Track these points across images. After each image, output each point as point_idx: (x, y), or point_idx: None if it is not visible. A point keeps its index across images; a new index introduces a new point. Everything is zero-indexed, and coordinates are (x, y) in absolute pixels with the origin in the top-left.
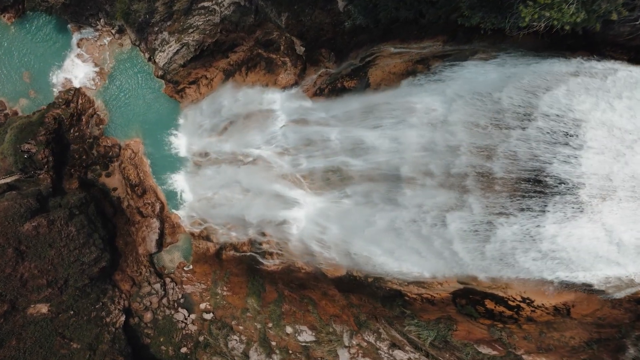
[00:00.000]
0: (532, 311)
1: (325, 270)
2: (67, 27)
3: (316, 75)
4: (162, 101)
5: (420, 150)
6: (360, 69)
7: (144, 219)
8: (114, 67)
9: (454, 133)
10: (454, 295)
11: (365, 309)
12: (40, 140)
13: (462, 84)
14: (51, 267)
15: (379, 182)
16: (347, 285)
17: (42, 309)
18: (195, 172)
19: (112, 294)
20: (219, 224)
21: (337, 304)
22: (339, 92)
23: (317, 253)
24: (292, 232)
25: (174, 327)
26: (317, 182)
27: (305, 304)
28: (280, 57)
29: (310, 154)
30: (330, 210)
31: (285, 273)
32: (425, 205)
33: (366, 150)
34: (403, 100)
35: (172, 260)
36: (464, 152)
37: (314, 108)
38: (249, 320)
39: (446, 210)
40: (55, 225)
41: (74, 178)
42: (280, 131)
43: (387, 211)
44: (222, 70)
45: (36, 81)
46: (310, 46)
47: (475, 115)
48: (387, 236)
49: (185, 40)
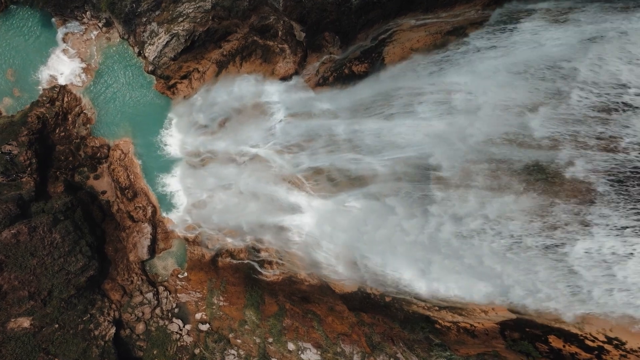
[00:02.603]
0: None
1: (333, 284)
2: (52, 21)
3: (319, 63)
4: (152, 98)
5: (471, 142)
6: (373, 50)
7: (135, 224)
8: (102, 62)
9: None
10: (502, 326)
11: (380, 329)
12: (22, 141)
13: (522, 55)
14: (33, 277)
15: (400, 183)
16: (359, 303)
17: (23, 322)
18: (189, 173)
19: (101, 304)
20: (215, 229)
21: (345, 321)
22: (346, 80)
23: (323, 265)
24: (293, 240)
25: (168, 338)
26: (322, 184)
27: (309, 320)
28: (278, 44)
29: (313, 151)
30: (337, 216)
31: (287, 284)
32: (491, 214)
33: (382, 145)
34: (432, 82)
35: (166, 268)
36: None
37: (317, 99)
38: (248, 334)
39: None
40: (38, 232)
41: (60, 181)
42: (279, 126)
43: (414, 219)
44: (215, 61)
45: (20, 79)
46: (312, 31)
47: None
48: (414, 250)
49: (175, 30)
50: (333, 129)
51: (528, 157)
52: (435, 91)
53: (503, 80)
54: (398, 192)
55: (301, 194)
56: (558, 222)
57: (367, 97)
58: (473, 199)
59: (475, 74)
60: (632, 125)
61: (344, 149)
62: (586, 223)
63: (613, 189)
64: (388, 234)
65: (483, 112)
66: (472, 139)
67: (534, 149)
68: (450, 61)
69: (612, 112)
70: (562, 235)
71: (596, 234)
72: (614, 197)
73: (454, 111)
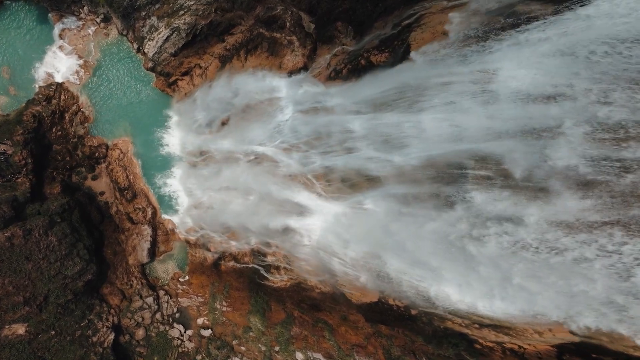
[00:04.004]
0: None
1: (349, 294)
2: (48, 17)
3: (330, 55)
4: (152, 96)
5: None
6: (394, 38)
7: (134, 226)
8: (100, 59)
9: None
10: (559, 349)
11: (399, 342)
12: (17, 140)
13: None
14: (28, 282)
15: (429, 183)
16: (379, 315)
17: (18, 329)
18: (191, 173)
19: (99, 309)
20: (217, 232)
21: (360, 331)
22: (362, 72)
23: (337, 272)
24: (303, 244)
25: (169, 344)
26: (335, 184)
27: (319, 329)
28: (286, 36)
29: (325, 149)
30: (353, 219)
31: (295, 291)
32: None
33: (407, 141)
34: (470, 69)
35: (166, 271)
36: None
37: (329, 94)
38: (252, 341)
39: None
40: (33, 235)
41: (56, 182)
42: (287, 124)
43: (449, 225)
44: (217, 56)
45: (16, 77)
46: (322, 21)
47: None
48: (450, 260)
49: (176, 24)
50: (348, 125)
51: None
52: (475, 79)
53: (560, 64)
54: (426, 194)
55: (311, 195)
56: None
57: (388, 89)
58: (527, 203)
59: (525, 58)
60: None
61: (361, 147)
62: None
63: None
64: (417, 241)
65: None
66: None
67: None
68: (493, 44)
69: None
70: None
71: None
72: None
73: (496, 100)
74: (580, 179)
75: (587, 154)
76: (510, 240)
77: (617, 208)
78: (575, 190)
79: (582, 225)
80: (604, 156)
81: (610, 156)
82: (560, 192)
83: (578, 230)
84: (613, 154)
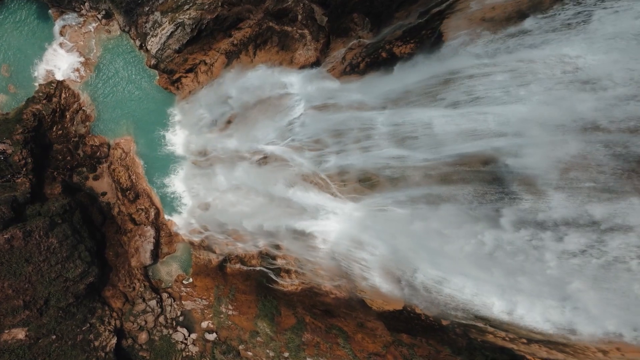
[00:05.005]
0: None
1: (369, 301)
2: (49, 13)
3: (345, 49)
4: (155, 94)
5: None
6: (422, 27)
7: (137, 227)
8: (101, 56)
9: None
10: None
11: (422, 351)
12: (17, 139)
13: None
14: (29, 285)
15: (464, 184)
16: (404, 325)
17: (18, 334)
18: (195, 173)
19: (101, 313)
20: (223, 233)
21: (378, 339)
22: (383, 64)
23: (356, 277)
24: (318, 247)
25: (172, 348)
26: (351, 184)
27: (333, 336)
28: (298, 29)
29: (341, 148)
30: (375, 221)
31: (307, 296)
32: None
33: (440, 138)
34: (517, 57)
35: (170, 273)
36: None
37: (344, 89)
38: (260, 346)
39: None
40: (33, 236)
41: (57, 182)
42: (298, 121)
43: (489, 230)
44: (224, 52)
45: (15, 74)
46: (336, 13)
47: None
48: (493, 267)
49: (181, 19)
50: (369, 122)
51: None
52: (524, 69)
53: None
54: (461, 195)
55: (325, 196)
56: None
57: (416, 82)
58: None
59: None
60: None
61: (383, 145)
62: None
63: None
64: (455, 246)
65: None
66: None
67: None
68: (547, 28)
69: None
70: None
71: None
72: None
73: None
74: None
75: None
76: (582, 248)
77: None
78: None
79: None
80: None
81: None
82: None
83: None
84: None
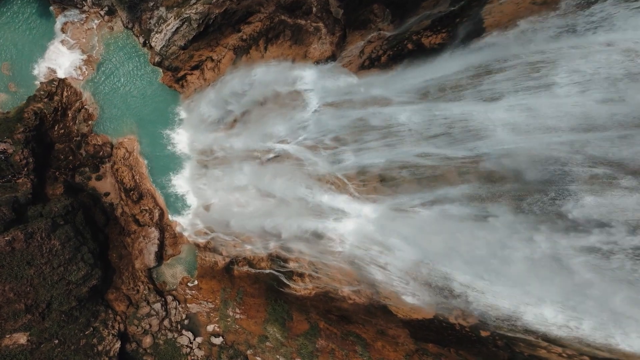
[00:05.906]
0: None
1: (394, 308)
2: (50, 10)
3: (363, 42)
4: (159, 92)
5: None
6: (455, 16)
7: (140, 228)
8: (104, 54)
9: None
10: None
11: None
12: (18, 139)
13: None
14: (30, 288)
15: (509, 183)
16: (434, 334)
17: (19, 339)
18: (200, 173)
19: (105, 316)
20: (230, 235)
21: (400, 348)
22: (408, 57)
23: (380, 282)
24: (335, 250)
25: (177, 352)
26: (371, 184)
27: (350, 343)
28: (312, 22)
29: (360, 145)
30: (399, 223)
31: (322, 301)
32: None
33: (477, 134)
34: (575, 44)
35: (174, 275)
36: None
37: (363, 84)
38: (269, 351)
39: None
40: (35, 238)
41: (59, 182)
42: (312, 118)
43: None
44: (232, 48)
45: (16, 73)
46: (353, 5)
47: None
48: (552, 276)
49: (187, 14)
50: (394, 118)
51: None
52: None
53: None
54: (506, 196)
55: (343, 197)
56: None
57: (448, 75)
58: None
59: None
60: None
61: (408, 142)
62: None
63: None
64: (500, 252)
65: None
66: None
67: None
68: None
69: None
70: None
71: None
72: None
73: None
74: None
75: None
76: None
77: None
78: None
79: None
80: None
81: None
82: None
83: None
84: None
